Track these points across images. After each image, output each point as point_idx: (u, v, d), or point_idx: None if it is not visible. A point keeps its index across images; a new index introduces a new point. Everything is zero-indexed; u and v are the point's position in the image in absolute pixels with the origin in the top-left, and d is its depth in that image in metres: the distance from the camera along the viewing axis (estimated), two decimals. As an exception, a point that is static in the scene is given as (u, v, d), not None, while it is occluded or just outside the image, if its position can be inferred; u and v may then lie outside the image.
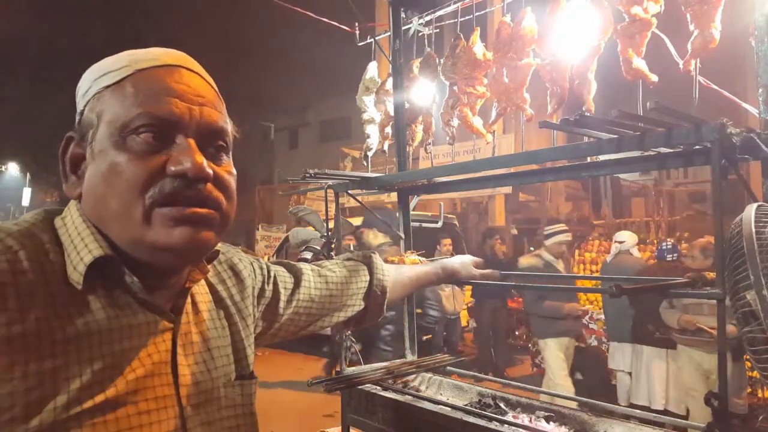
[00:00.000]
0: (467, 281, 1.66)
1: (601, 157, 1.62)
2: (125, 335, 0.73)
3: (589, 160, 1.68)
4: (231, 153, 0.82)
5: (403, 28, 2.35)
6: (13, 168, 26.72)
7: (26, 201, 21.66)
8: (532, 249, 12.59)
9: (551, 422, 1.67)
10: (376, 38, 2.53)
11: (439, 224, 2.76)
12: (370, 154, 2.45)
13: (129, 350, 0.73)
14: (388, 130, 2.42)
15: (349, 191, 2.19)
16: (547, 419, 1.68)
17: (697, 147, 1.37)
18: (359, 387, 1.91)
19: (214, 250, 0.86)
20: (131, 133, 0.72)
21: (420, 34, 2.33)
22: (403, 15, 2.35)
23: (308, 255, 2.11)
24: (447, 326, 7.08)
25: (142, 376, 0.73)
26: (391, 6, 2.37)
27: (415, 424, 1.76)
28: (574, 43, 1.59)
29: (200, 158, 0.73)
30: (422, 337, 6.54)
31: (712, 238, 1.54)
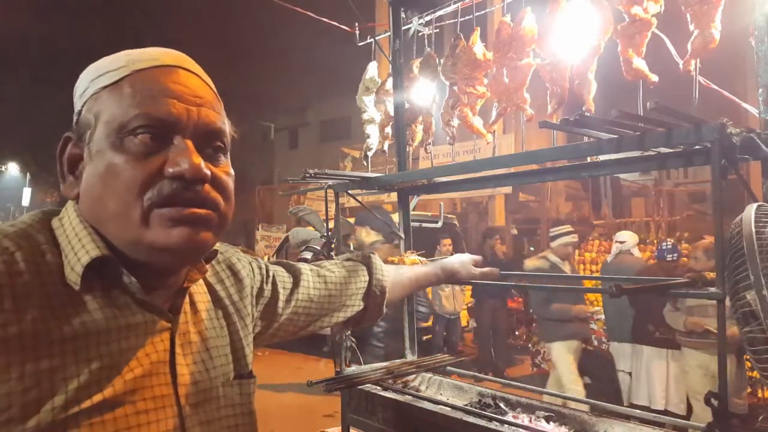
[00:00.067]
0: (467, 281, 1.66)
1: (601, 157, 1.62)
2: (123, 335, 0.73)
3: (589, 160, 1.68)
4: (229, 153, 0.82)
5: (403, 28, 2.34)
6: (13, 168, 26.75)
7: (26, 201, 21.65)
8: (533, 249, 12.62)
9: (551, 422, 1.67)
10: (376, 38, 2.52)
11: (439, 224, 2.76)
12: (370, 154, 2.45)
13: (127, 350, 0.73)
14: (388, 130, 2.42)
15: (349, 191, 2.19)
16: (547, 419, 1.68)
17: (697, 147, 1.37)
18: (359, 387, 1.91)
19: (213, 250, 0.86)
20: (129, 134, 0.72)
21: (420, 34, 2.33)
22: (403, 15, 2.35)
23: (308, 255, 2.11)
24: (447, 326, 7.09)
25: (141, 376, 0.73)
26: (391, 6, 2.37)
27: (415, 424, 1.76)
28: (574, 43, 1.59)
29: (198, 159, 0.73)
30: (422, 337, 6.54)
31: (713, 239, 1.54)
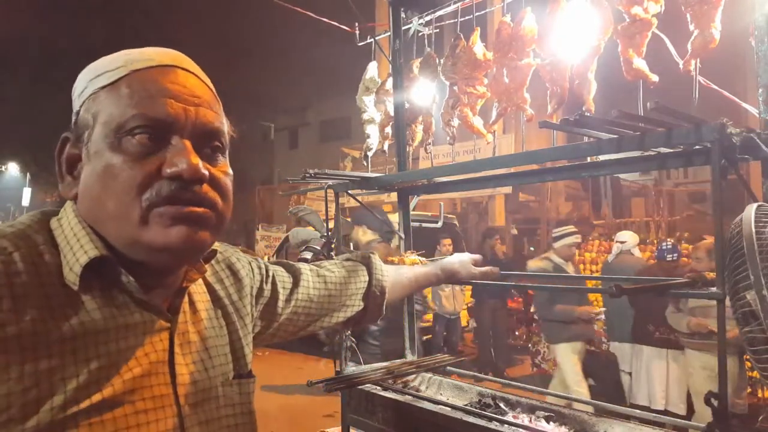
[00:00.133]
0: (467, 281, 1.66)
1: (601, 157, 1.62)
2: (122, 335, 0.73)
3: (589, 160, 1.67)
4: (228, 153, 0.82)
5: (403, 28, 2.34)
6: (13, 168, 26.76)
7: (26, 201, 21.63)
8: (533, 249, 12.61)
9: (551, 422, 1.67)
10: (376, 38, 2.52)
11: (439, 224, 2.76)
12: (370, 154, 2.45)
13: (126, 350, 0.73)
14: (388, 130, 2.42)
15: (349, 191, 2.19)
16: (547, 419, 1.68)
17: (697, 147, 1.37)
18: (359, 387, 1.91)
19: (212, 249, 0.86)
20: (126, 134, 0.72)
21: (420, 34, 2.32)
22: (403, 15, 2.34)
23: (308, 255, 2.11)
24: (447, 326, 7.09)
25: (139, 376, 0.73)
26: (391, 6, 2.37)
27: (415, 424, 1.76)
28: (574, 43, 1.59)
29: (195, 159, 0.73)
30: (422, 337, 6.54)
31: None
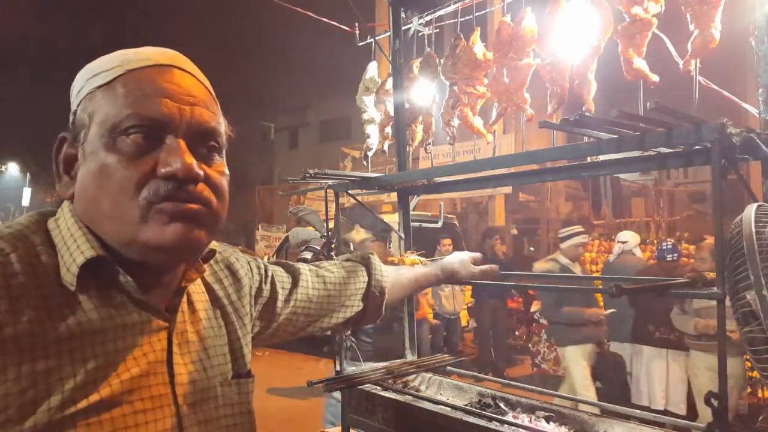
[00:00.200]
0: (468, 281, 1.66)
1: (601, 157, 1.62)
2: (119, 335, 0.73)
3: (589, 160, 1.67)
4: (225, 153, 0.82)
5: (403, 28, 2.34)
6: (13, 168, 26.76)
7: (26, 201, 21.63)
8: (533, 249, 12.61)
9: (551, 422, 1.66)
10: (376, 38, 2.52)
11: (439, 224, 2.76)
12: (370, 154, 2.45)
13: (123, 350, 0.73)
14: (388, 130, 2.42)
15: (349, 191, 2.19)
16: (547, 419, 1.68)
17: (697, 147, 1.37)
18: (359, 387, 1.91)
19: (211, 249, 0.86)
20: (121, 133, 0.72)
21: (420, 34, 2.32)
22: (403, 15, 2.34)
23: (308, 255, 2.10)
24: (447, 326, 7.09)
25: (137, 376, 0.73)
26: (391, 6, 2.37)
27: (415, 424, 1.76)
28: (574, 43, 1.59)
29: (189, 159, 0.73)
30: (428, 336, 6.53)
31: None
